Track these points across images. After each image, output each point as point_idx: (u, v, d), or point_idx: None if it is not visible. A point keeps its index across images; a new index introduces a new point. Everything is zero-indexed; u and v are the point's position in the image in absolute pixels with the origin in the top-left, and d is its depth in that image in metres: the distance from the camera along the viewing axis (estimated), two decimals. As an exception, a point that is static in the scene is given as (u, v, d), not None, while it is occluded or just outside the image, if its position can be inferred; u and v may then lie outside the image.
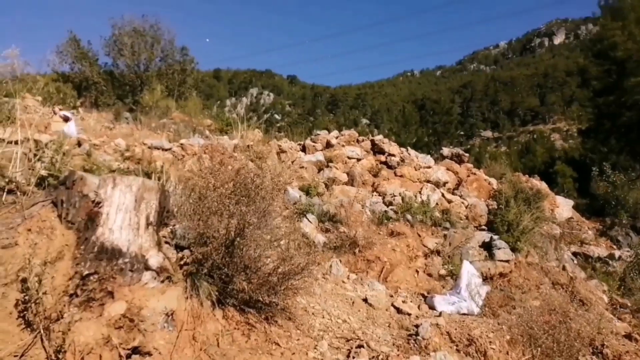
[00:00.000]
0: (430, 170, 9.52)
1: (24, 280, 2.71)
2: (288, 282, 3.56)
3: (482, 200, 8.99)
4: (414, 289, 6.02)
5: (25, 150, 4.16)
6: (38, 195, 3.45)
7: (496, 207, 8.38)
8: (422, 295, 5.76)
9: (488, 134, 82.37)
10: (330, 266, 5.90)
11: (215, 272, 3.34)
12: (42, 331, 2.53)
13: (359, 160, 9.59)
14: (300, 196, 7.57)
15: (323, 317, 3.95)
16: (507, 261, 6.73)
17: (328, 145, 10.19)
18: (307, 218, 7.09)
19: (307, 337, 3.55)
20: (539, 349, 3.23)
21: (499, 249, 6.84)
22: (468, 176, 9.97)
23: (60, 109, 9.80)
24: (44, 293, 2.61)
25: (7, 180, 3.44)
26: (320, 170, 9.20)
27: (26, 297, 2.62)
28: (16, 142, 4.66)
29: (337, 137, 10.37)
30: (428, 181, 9.13)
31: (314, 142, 10.42)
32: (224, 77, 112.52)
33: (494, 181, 9.99)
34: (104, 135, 9.04)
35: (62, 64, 14.86)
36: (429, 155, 10.52)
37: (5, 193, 3.40)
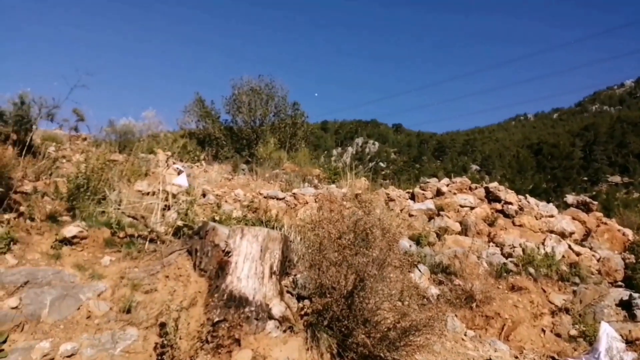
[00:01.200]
0: (553, 219, 8.81)
1: (163, 325, 2.92)
2: (408, 338, 3.43)
3: (616, 253, 8.06)
4: (540, 350, 5.50)
5: (159, 201, 4.57)
6: (175, 244, 3.76)
7: (634, 261, 7.47)
8: (551, 357, 5.23)
9: (616, 179, 74.65)
10: (446, 321, 5.61)
11: (335, 323, 3.32)
12: (177, 375, 2.69)
13: (472, 208, 9.18)
14: (410, 246, 7.40)
15: (445, 378, 3.72)
16: (653, 324, 5.90)
17: (438, 193, 9.93)
18: (418, 269, 6.88)
19: (429, 398, 3.35)
20: None
21: (642, 308, 6.04)
22: (598, 226, 9.04)
23: (173, 162, 10.70)
24: (180, 338, 2.79)
25: (149, 230, 3.81)
26: (430, 219, 8.95)
27: (164, 341, 2.81)
28: (152, 194, 5.18)
29: (447, 185, 10.07)
30: (551, 231, 8.44)
31: (423, 190, 10.21)
32: (331, 128, 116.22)
33: (629, 232, 8.93)
34: (225, 186, 9.73)
35: (189, 122, 16.45)
36: (550, 204, 9.75)
37: (147, 242, 3.75)
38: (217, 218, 4.33)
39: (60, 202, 3.97)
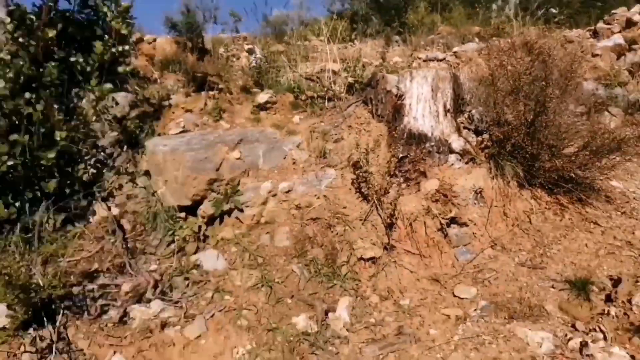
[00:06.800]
0: None
1: (355, 165, 3.28)
2: (601, 162, 3.28)
3: None
4: None
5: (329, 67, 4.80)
6: (350, 99, 4.04)
7: None
8: None
9: None
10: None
11: (517, 152, 3.31)
12: (376, 202, 3.05)
13: (671, 36, 7.69)
14: (596, 88, 6.63)
15: (647, 202, 3.50)
16: None
17: (628, 24, 8.45)
18: (609, 112, 6.21)
19: (632, 218, 3.22)
20: None
21: None
22: None
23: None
24: (370, 173, 3.10)
25: (326, 89, 4.15)
26: (620, 56, 7.79)
27: (359, 175, 3.18)
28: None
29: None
30: None
31: (608, 24, 8.78)
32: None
33: None
34: (380, 58, 9.67)
35: (335, 3, 16.23)
36: None
37: (326, 100, 4.10)
38: (383, 70, 4.47)
39: (248, 78, 4.53)
